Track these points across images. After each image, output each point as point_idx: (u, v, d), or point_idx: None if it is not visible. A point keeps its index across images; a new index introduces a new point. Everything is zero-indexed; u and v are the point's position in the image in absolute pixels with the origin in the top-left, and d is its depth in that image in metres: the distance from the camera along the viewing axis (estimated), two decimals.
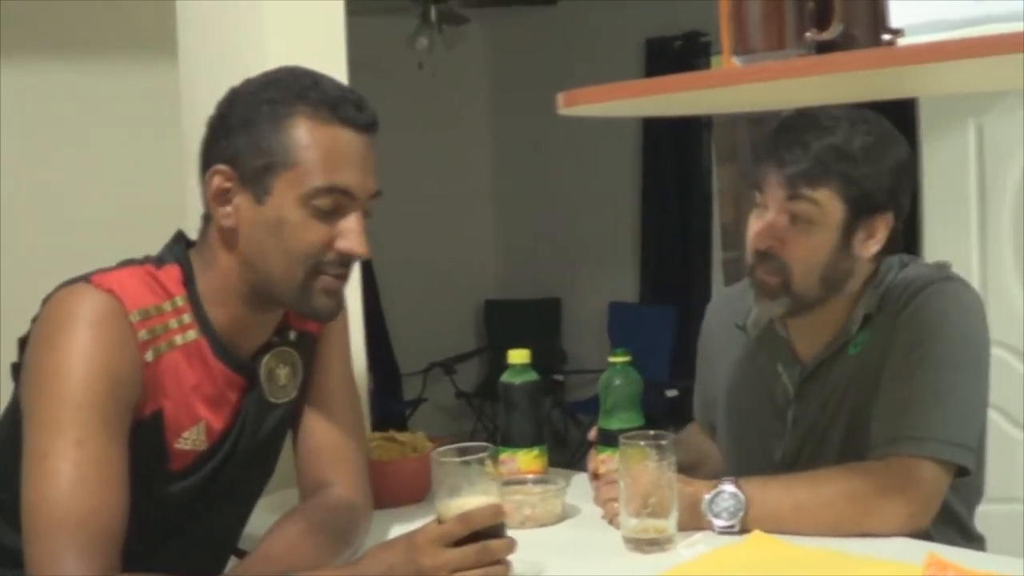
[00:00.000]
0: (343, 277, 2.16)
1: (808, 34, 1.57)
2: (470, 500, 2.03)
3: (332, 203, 2.09)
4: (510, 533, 2.11)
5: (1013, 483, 4.97)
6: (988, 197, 5.09)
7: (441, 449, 2.09)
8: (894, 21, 1.47)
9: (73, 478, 1.90)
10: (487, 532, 2.02)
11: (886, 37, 1.52)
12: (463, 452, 2.08)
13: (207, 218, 2.19)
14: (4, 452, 2.07)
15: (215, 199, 2.13)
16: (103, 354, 1.98)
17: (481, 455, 2.05)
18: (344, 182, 2.10)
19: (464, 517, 2.00)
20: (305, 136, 2.08)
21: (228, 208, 2.13)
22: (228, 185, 2.12)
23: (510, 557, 2.08)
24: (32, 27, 3.97)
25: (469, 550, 1.99)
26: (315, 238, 2.10)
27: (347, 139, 2.11)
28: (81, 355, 1.97)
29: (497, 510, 2.03)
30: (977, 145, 5.10)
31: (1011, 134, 5.03)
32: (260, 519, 2.37)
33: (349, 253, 2.12)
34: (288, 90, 2.12)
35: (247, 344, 2.25)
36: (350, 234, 2.11)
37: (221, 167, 2.12)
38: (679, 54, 8.48)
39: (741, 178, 8.95)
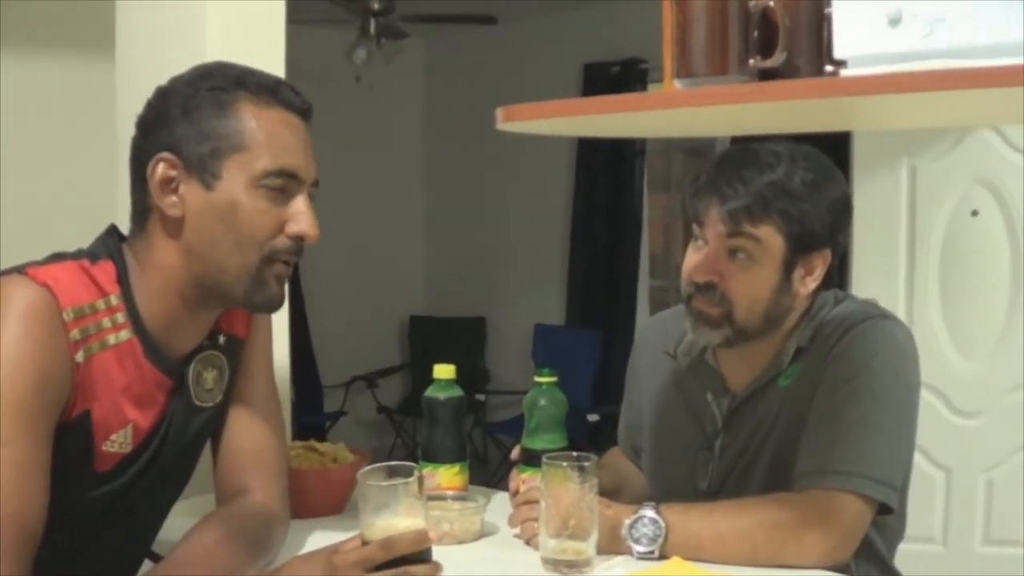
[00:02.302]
0: (292, 264, 2.15)
1: (751, 61, 1.57)
2: (396, 522, 1.96)
3: (281, 186, 2.09)
4: (432, 549, 2.07)
5: (931, 523, 5.03)
6: (918, 239, 5.14)
7: (368, 468, 2.03)
8: (839, 52, 1.47)
9: None
10: (411, 555, 1.97)
11: (829, 68, 1.52)
12: (392, 471, 2.02)
13: (143, 213, 2.16)
14: None
15: (160, 189, 2.09)
16: (33, 353, 1.93)
17: (409, 479, 1.99)
18: (292, 164, 2.10)
19: (387, 543, 1.94)
20: (251, 119, 2.08)
21: (174, 197, 2.10)
22: (173, 173, 2.09)
23: None
24: None
25: (388, 575, 1.94)
26: (267, 222, 2.09)
27: (291, 122, 2.13)
28: (9, 352, 1.91)
29: (422, 536, 1.97)
30: (909, 186, 5.15)
31: (944, 177, 5.09)
32: (176, 523, 2.33)
33: (301, 236, 2.11)
34: (226, 77, 2.12)
35: (179, 345, 2.21)
36: (300, 216, 2.11)
37: (165, 155, 2.09)
38: (616, 80, 8.49)
39: (672, 207, 9.00)
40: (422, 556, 1.97)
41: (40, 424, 1.94)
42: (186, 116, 2.09)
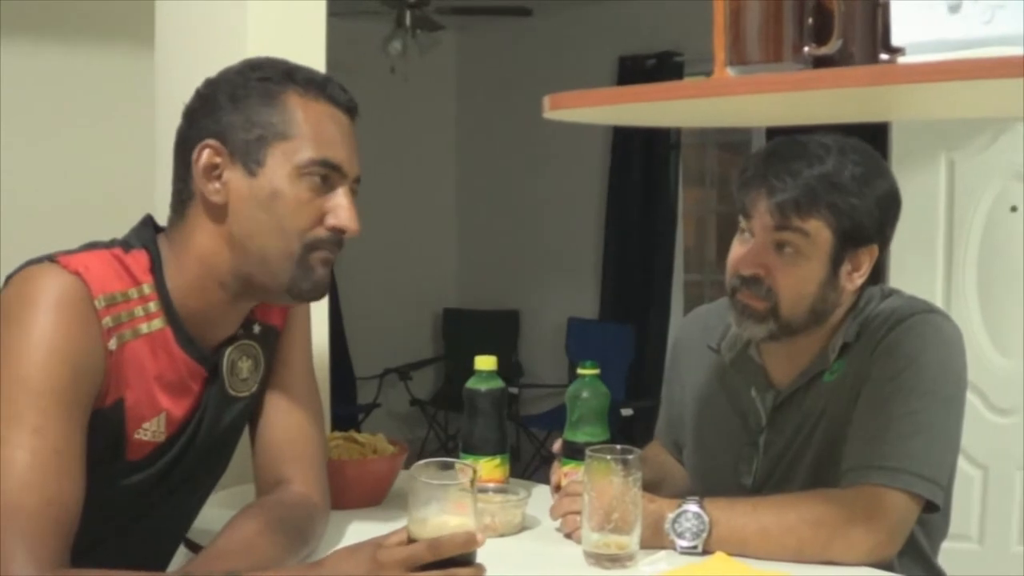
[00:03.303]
0: (335, 253, 2.17)
1: (806, 48, 1.55)
2: (446, 520, 1.91)
3: (324, 177, 2.10)
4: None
5: (968, 521, 4.99)
6: (956, 234, 5.10)
7: (422, 463, 1.98)
8: (898, 40, 1.45)
9: (28, 467, 1.85)
10: (458, 557, 1.91)
11: (884, 56, 1.50)
12: (445, 467, 1.98)
13: (185, 201, 2.16)
14: None
15: (204, 175, 2.11)
16: (66, 340, 1.93)
17: (463, 478, 1.94)
18: (336, 157, 2.11)
19: (435, 545, 1.88)
20: (299, 110, 2.10)
21: (217, 184, 2.11)
22: (218, 160, 2.10)
23: None
24: (8, 11, 3.93)
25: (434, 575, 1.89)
26: (307, 212, 2.10)
27: (336, 117, 2.15)
28: (43, 340, 1.92)
29: (471, 539, 1.90)
30: (948, 181, 5.11)
31: (983, 170, 5.04)
32: (215, 514, 2.33)
33: (341, 228, 2.12)
34: (276, 69, 2.15)
35: (213, 335, 2.22)
36: (340, 210, 2.12)
37: (210, 142, 2.10)
38: (651, 72, 8.46)
39: (707, 202, 8.98)
40: (468, 558, 1.92)
41: (75, 412, 1.94)
42: (234, 104, 2.11)
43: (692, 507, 2.31)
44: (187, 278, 2.14)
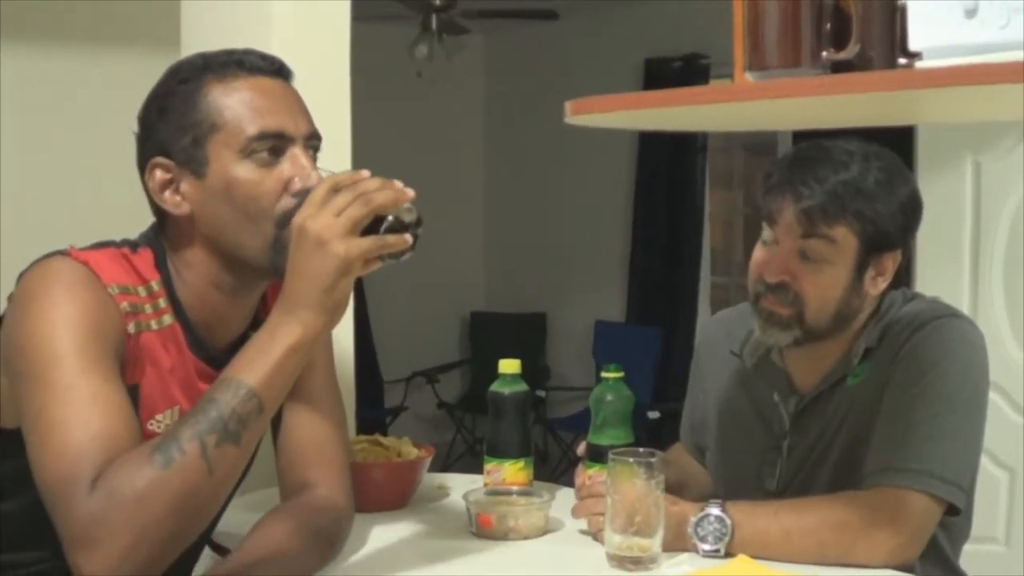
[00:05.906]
0: None
1: (825, 53, 1.55)
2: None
3: (270, 148, 2.07)
4: (498, 544, 2.01)
5: (994, 523, 4.95)
6: (982, 236, 5.07)
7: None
8: (915, 44, 1.46)
9: (65, 419, 1.86)
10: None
11: (903, 60, 1.50)
12: None
13: (160, 218, 2.18)
14: None
15: (160, 192, 2.12)
16: (82, 309, 1.95)
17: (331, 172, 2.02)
18: (273, 125, 2.08)
19: (327, 180, 1.95)
20: (220, 97, 2.09)
21: (177, 197, 2.11)
22: (169, 176, 2.11)
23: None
24: (33, 17, 3.94)
25: (349, 210, 1.93)
26: (266, 188, 2.07)
27: (262, 85, 2.11)
28: (60, 313, 1.94)
29: (359, 175, 1.99)
30: (974, 182, 5.09)
31: (1009, 173, 5.02)
32: (240, 517, 2.32)
33: (305, 191, 2.03)
34: (192, 66, 2.14)
35: (222, 334, 2.22)
36: (300, 171, 2.08)
37: (157, 160, 2.11)
38: (678, 75, 8.45)
39: (734, 204, 8.97)
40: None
41: (105, 366, 1.94)
42: (164, 117, 2.11)
43: (714, 510, 2.31)
44: (185, 282, 2.16)
